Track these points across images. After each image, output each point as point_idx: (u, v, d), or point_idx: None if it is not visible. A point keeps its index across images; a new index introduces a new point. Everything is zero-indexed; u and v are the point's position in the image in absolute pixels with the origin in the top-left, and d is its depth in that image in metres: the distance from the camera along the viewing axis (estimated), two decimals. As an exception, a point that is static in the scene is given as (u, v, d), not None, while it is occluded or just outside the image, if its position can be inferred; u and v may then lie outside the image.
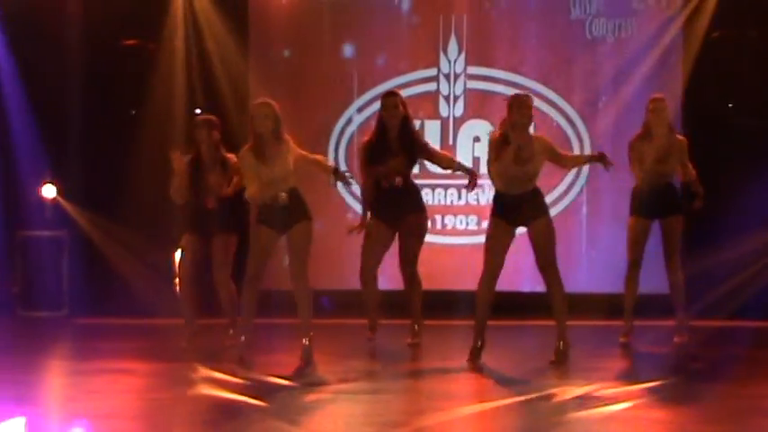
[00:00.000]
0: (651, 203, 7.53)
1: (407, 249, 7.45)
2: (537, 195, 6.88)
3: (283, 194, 6.75)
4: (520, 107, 6.75)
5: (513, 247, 7.72)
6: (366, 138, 7.56)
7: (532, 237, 6.92)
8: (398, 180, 7.33)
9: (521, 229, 6.96)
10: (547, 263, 6.93)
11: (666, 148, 7.48)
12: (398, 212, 7.37)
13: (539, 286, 9.11)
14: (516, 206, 6.79)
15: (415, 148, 7.37)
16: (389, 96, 7.42)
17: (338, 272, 8.97)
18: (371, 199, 7.44)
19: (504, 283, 9.09)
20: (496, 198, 6.91)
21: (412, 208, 7.43)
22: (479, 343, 6.96)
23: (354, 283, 7.62)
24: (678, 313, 7.71)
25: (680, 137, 7.66)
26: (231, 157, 7.38)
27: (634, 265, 7.64)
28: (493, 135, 6.99)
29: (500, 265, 6.93)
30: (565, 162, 7.14)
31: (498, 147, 6.76)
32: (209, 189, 7.35)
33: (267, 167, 6.82)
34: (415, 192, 7.49)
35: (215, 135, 7.41)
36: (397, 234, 7.48)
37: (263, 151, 6.80)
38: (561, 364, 6.80)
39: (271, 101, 7.01)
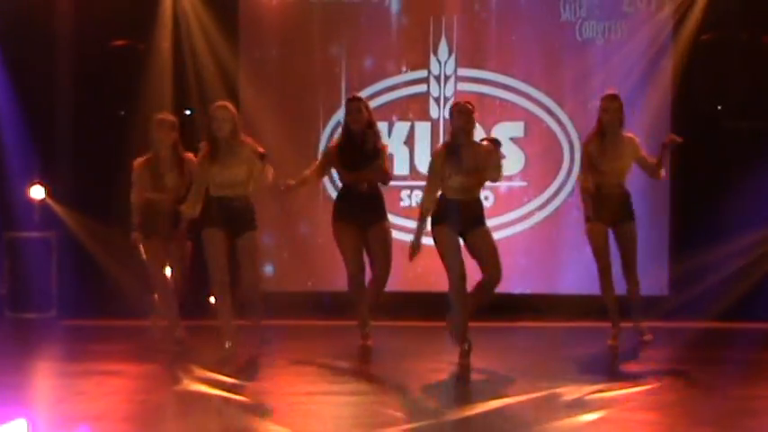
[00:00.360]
0: (607, 209, 7.51)
1: (378, 258, 7.44)
2: (479, 204, 6.98)
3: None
4: (460, 113, 6.88)
5: (503, 249, 7.74)
6: (333, 143, 7.54)
7: (475, 246, 6.95)
8: (364, 186, 7.33)
9: (512, 230, 6.97)
10: (497, 273, 6.95)
11: (620, 146, 7.48)
12: (366, 217, 7.38)
13: (528, 288, 9.21)
14: (459, 212, 6.85)
15: (378, 154, 7.35)
16: (353, 101, 7.42)
17: (331, 273, 8.96)
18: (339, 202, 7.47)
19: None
20: (439, 206, 6.94)
21: (378, 216, 7.44)
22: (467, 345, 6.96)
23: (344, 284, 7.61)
24: (637, 317, 7.67)
25: (630, 135, 7.66)
26: (190, 156, 7.38)
27: (606, 270, 7.61)
28: (436, 149, 7.09)
29: (463, 265, 6.97)
30: (492, 177, 7.06)
31: (443, 158, 6.83)
32: (168, 190, 7.33)
33: (222, 170, 6.85)
34: (381, 199, 7.50)
35: (174, 135, 7.39)
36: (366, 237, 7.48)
37: (218, 154, 6.83)
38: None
39: (229, 104, 7.05)
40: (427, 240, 9.02)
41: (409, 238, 7.25)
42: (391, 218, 7.82)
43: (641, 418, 5.56)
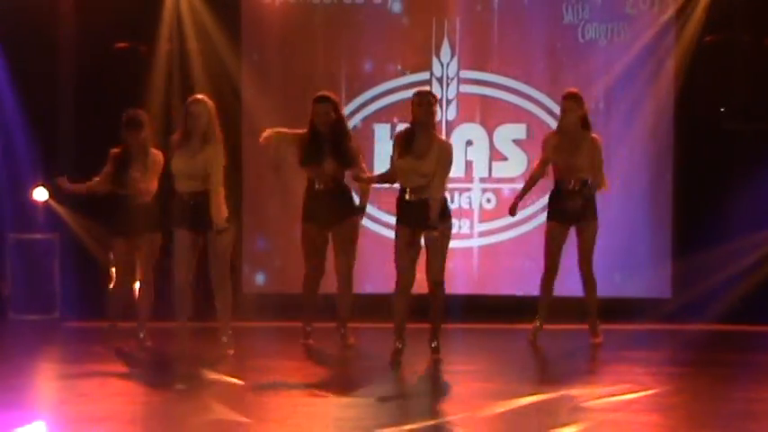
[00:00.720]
0: (567, 209, 7.53)
1: (341, 255, 7.47)
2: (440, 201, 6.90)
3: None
4: (420, 105, 6.83)
5: (506, 252, 7.76)
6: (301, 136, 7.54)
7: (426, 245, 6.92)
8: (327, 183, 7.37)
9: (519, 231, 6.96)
10: (439, 276, 6.94)
11: (577, 141, 7.48)
12: (330, 216, 7.41)
13: (530, 291, 9.19)
14: (416, 210, 6.81)
15: (346, 155, 7.37)
16: (320, 102, 7.42)
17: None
18: (305, 199, 7.51)
19: (493, 287, 9.18)
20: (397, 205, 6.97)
21: (344, 212, 7.47)
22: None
23: (361, 287, 7.62)
24: (592, 317, 7.71)
25: (594, 135, 7.66)
26: (156, 153, 7.43)
27: (551, 271, 7.67)
28: (398, 133, 7.03)
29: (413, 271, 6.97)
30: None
31: (401, 144, 6.85)
32: (130, 182, 7.35)
33: (188, 160, 6.85)
34: (347, 195, 7.53)
35: (144, 133, 7.41)
36: (330, 237, 7.53)
37: (188, 145, 6.86)
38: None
39: (206, 99, 7.05)
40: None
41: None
42: (392, 219, 7.83)
43: (644, 421, 5.56)
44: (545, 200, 9.19)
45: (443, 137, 9.19)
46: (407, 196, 6.89)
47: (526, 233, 9.25)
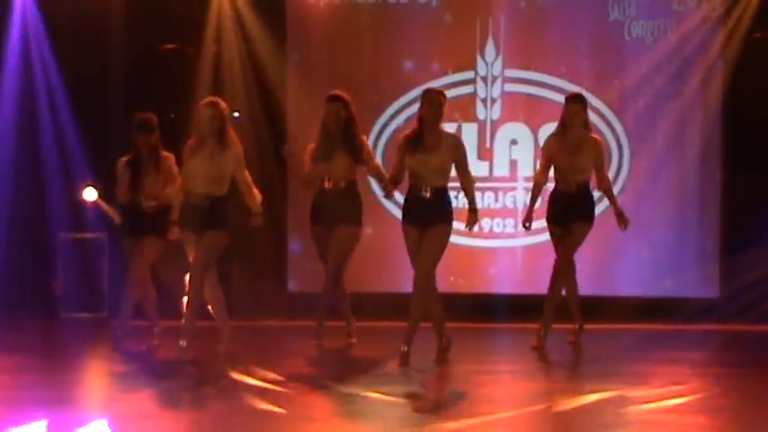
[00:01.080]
0: (562, 209, 7.49)
1: (332, 254, 7.41)
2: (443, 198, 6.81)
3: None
4: (431, 104, 6.76)
5: (549, 250, 7.71)
6: (313, 144, 7.54)
7: (424, 240, 6.80)
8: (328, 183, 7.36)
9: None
10: (426, 272, 6.78)
11: (578, 143, 7.44)
12: (334, 215, 7.38)
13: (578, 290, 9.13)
14: (428, 207, 6.76)
15: (358, 151, 7.35)
16: (331, 102, 7.40)
17: (378, 275, 9.00)
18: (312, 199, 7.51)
19: (538, 286, 9.14)
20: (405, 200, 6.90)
21: (348, 217, 7.41)
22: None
23: (390, 285, 7.61)
24: (576, 315, 7.68)
25: (596, 136, 7.61)
26: (168, 156, 7.52)
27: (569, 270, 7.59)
28: (404, 134, 6.96)
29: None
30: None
31: (409, 144, 6.77)
32: (145, 191, 7.43)
33: (202, 164, 6.90)
34: (355, 201, 7.48)
35: (154, 136, 7.49)
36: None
37: (202, 148, 6.93)
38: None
39: (219, 101, 7.08)
40: (474, 243, 9.10)
41: (460, 241, 7.25)
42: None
43: (692, 422, 5.51)
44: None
45: (488, 136, 9.24)
46: (423, 193, 6.79)
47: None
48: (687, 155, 9.11)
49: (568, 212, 7.47)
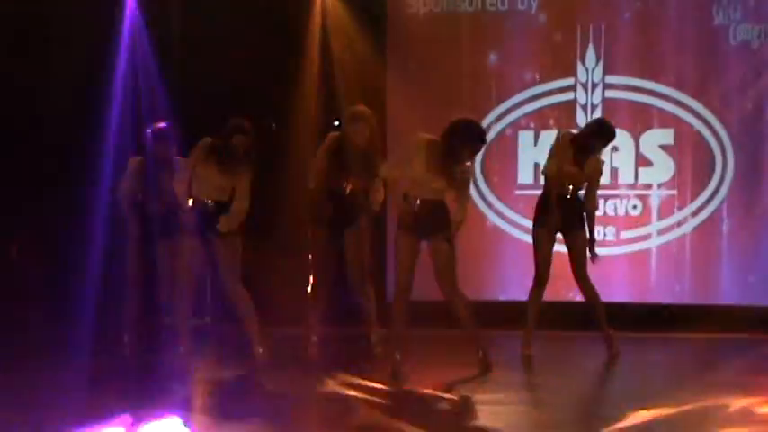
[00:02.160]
0: (555, 214, 7.43)
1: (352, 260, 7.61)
2: (443, 209, 6.80)
3: (210, 202, 7.16)
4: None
5: (653, 258, 7.62)
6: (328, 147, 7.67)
7: (430, 253, 6.83)
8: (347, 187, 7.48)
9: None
10: (451, 285, 6.82)
11: (586, 158, 7.46)
12: (344, 222, 7.53)
13: (679, 299, 9.00)
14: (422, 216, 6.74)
15: (373, 167, 7.43)
16: (359, 121, 7.49)
17: (478, 282, 9.01)
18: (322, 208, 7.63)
19: (640, 295, 9.03)
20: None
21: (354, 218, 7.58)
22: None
23: (488, 293, 7.56)
24: (602, 326, 7.56)
25: (599, 156, 7.63)
26: (180, 160, 7.66)
27: (542, 281, 7.52)
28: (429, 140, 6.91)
29: (410, 280, 6.87)
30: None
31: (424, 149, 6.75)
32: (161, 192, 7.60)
33: (218, 175, 7.09)
34: (361, 205, 7.59)
35: (174, 147, 7.71)
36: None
37: (221, 159, 7.14)
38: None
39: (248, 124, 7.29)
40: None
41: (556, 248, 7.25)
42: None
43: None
44: (693, 206, 9.03)
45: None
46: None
47: (674, 240, 9.06)
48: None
49: (563, 220, 7.52)
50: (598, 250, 7.80)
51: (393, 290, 7.12)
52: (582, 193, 7.64)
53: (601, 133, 7.54)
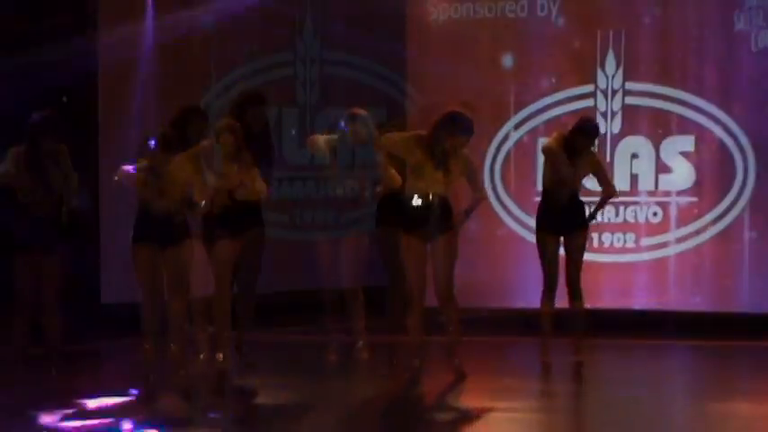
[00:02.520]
0: (555, 216, 7.40)
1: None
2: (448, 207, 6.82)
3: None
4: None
5: (674, 265, 7.60)
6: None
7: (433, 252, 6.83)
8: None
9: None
10: (447, 285, 6.80)
11: (579, 155, 7.43)
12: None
13: (701, 306, 8.95)
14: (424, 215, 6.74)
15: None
16: (354, 122, 7.47)
17: (497, 289, 9.00)
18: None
19: (661, 302, 9.00)
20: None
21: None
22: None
23: (507, 300, 7.53)
24: (579, 333, 7.47)
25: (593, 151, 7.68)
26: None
27: (551, 285, 7.46)
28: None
29: (423, 279, 6.87)
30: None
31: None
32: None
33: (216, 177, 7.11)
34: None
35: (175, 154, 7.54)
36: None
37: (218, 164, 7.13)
38: None
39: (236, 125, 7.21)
40: (595, 258, 8.98)
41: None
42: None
43: None
44: (714, 213, 8.98)
45: (608, 150, 9.13)
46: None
47: (695, 247, 9.01)
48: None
49: (565, 221, 7.51)
50: (620, 257, 7.79)
51: (408, 298, 7.08)
52: (581, 194, 7.61)
53: (582, 131, 7.52)
